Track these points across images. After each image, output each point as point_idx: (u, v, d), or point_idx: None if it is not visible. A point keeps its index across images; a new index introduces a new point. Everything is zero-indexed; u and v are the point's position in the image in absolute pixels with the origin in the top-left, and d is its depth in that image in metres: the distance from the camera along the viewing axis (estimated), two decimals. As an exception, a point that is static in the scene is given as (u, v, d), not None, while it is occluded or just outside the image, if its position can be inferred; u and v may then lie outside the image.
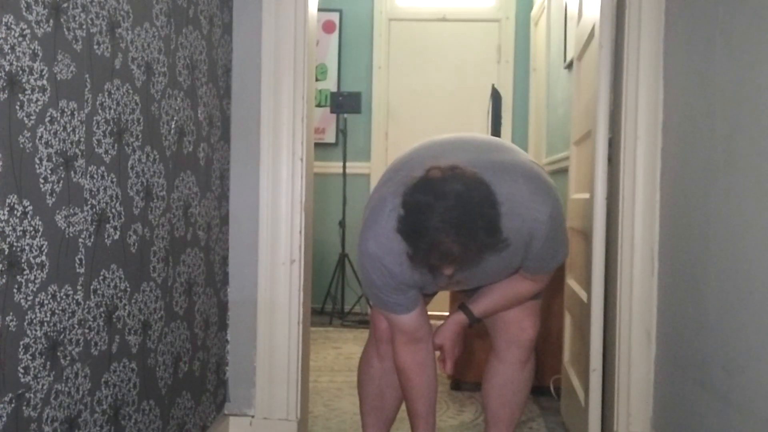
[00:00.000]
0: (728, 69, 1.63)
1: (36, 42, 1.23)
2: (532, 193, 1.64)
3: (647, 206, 2.18)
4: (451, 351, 1.91)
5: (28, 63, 1.21)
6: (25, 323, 1.22)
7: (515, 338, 1.97)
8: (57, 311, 1.32)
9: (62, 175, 1.32)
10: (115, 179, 1.53)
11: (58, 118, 1.30)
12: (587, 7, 2.54)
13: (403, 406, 2.14)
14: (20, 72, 1.19)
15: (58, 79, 1.30)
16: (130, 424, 1.65)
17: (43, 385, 1.28)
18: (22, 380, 1.22)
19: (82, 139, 1.39)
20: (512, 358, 1.99)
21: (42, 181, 1.26)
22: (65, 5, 1.31)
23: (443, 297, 2.92)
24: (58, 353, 1.33)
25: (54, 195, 1.30)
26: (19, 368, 1.21)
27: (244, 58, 2.38)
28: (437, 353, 1.93)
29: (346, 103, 4.59)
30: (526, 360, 2.00)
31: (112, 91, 1.51)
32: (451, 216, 1.43)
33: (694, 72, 1.88)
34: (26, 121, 1.21)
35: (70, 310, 1.36)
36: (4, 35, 1.14)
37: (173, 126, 1.87)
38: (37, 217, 1.25)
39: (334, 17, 5.09)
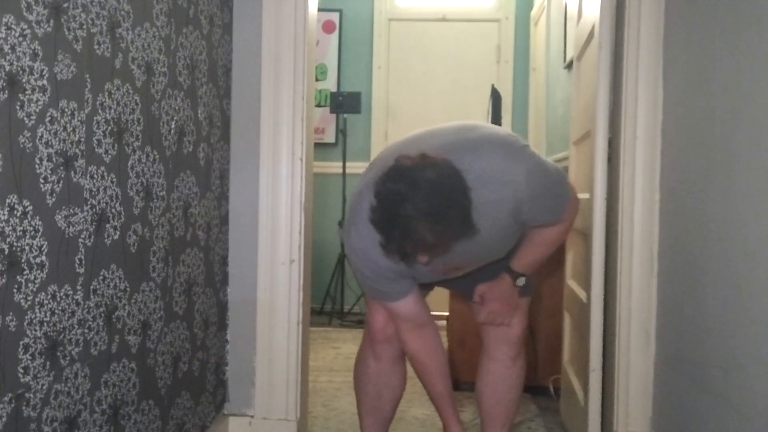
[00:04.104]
0: (728, 69, 1.64)
1: (36, 42, 1.23)
2: (504, 159, 1.63)
3: (647, 206, 2.17)
4: (491, 299, 1.88)
5: (28, 63, 1.21)
6: (25, 323, 1.22)
7: (503, 335, 2.01)
8: (57, 311, 1.32)
9: (62, 175, 1.32)
10: (115, 179, 1.53)
11: (58, 118, 1.30)
12: (587, 7, 2.54)
13: (401, 406, 2.15)
14: (20, 72, 1.19)
15: (58, 79, 1.30)
16: (130, 424, 1.66)
17: (42, 385, 1.28)
18: (22, 380, 1.22)
19: (82, 139, 1.39)
20: (502, 355, 2.03)
21: (42, 181, 1.26)
22: (65, 5, 1.31)
23: (443, 297, 2.92)
24: (58, 353, 1.33)
25: (54, 195, 1.30)
26: (18, 368, 1.21)
27: (244, 58, 2.37)
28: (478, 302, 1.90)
29: (345, 103, 4.59)
30: (516, 356, 2.04)
31: (112, 91, 1.51)
32: (425, 205, 1.42)
33: (694, 72, 1.88)
34: (26, 121, 1.21)
35: (69, 310, 1.36)
36: (4, 35, 1.14)
37: (173, 126, 1.87)
38: (37, 217, 1.25)
39: (334, 17, 5.09)
